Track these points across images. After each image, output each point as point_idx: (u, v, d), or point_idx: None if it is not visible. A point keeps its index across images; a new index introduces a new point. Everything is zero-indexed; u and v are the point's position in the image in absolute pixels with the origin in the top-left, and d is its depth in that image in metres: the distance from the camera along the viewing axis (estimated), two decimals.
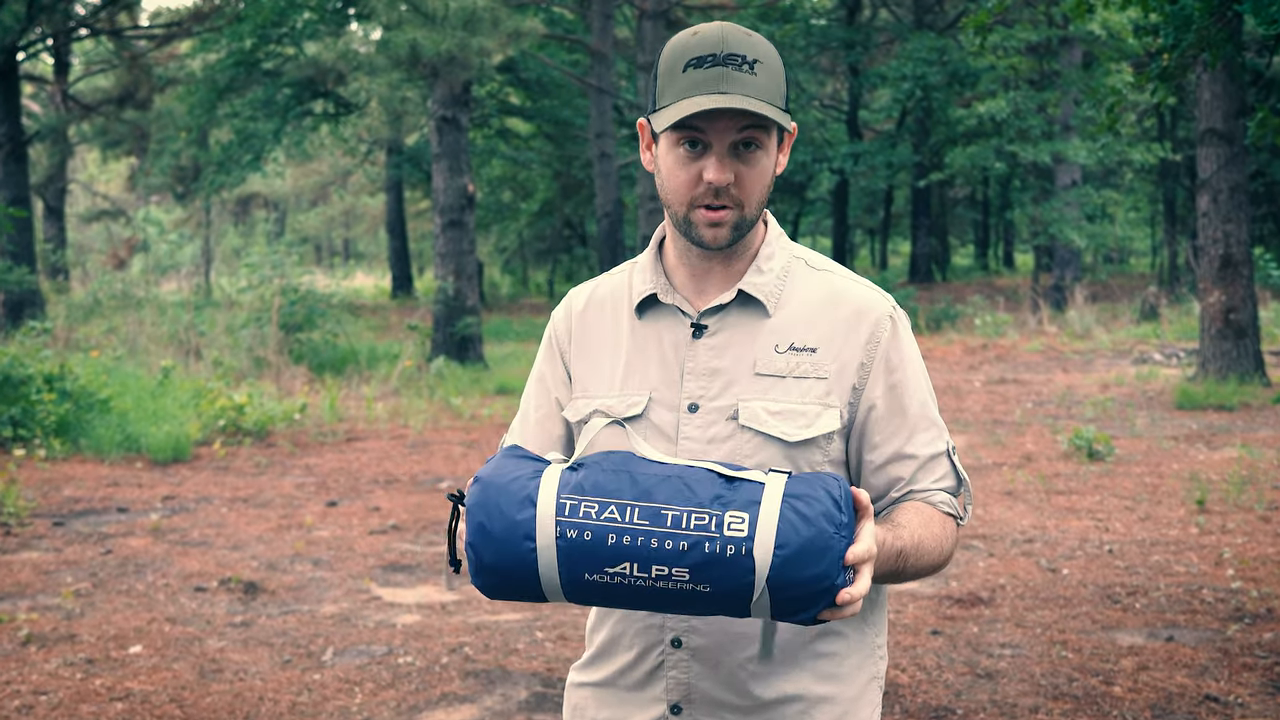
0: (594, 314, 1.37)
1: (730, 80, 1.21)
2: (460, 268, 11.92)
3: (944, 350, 12.84)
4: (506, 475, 1.15)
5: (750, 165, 1.25)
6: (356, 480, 6.42)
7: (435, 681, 3.46)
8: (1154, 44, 4.75)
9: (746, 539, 1.08)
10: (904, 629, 3.86)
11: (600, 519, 1.11)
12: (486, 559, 1.14)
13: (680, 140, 1.24)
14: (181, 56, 18.53)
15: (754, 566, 1.08)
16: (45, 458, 6.79)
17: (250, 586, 4.39)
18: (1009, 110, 16.41)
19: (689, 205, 1.26)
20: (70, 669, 3.55)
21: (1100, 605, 4.07)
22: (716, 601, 1.11)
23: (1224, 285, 9.16)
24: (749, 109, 1.20)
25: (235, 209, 32.65)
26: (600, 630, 1.37)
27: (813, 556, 1.08)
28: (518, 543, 1.12)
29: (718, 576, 1.09)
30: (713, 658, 1.28)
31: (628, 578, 1.11)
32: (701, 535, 1.09)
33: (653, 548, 1.09)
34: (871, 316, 1.30)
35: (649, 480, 1.13)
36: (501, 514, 1.13)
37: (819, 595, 1.09)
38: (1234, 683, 3.33)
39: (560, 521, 1.11)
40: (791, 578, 1.08)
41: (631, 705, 1.34)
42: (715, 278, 1.32)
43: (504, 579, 1.14)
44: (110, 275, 17.00)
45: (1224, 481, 5.92)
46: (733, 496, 1.11)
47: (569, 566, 1.12)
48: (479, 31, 10.34)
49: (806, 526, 1.08)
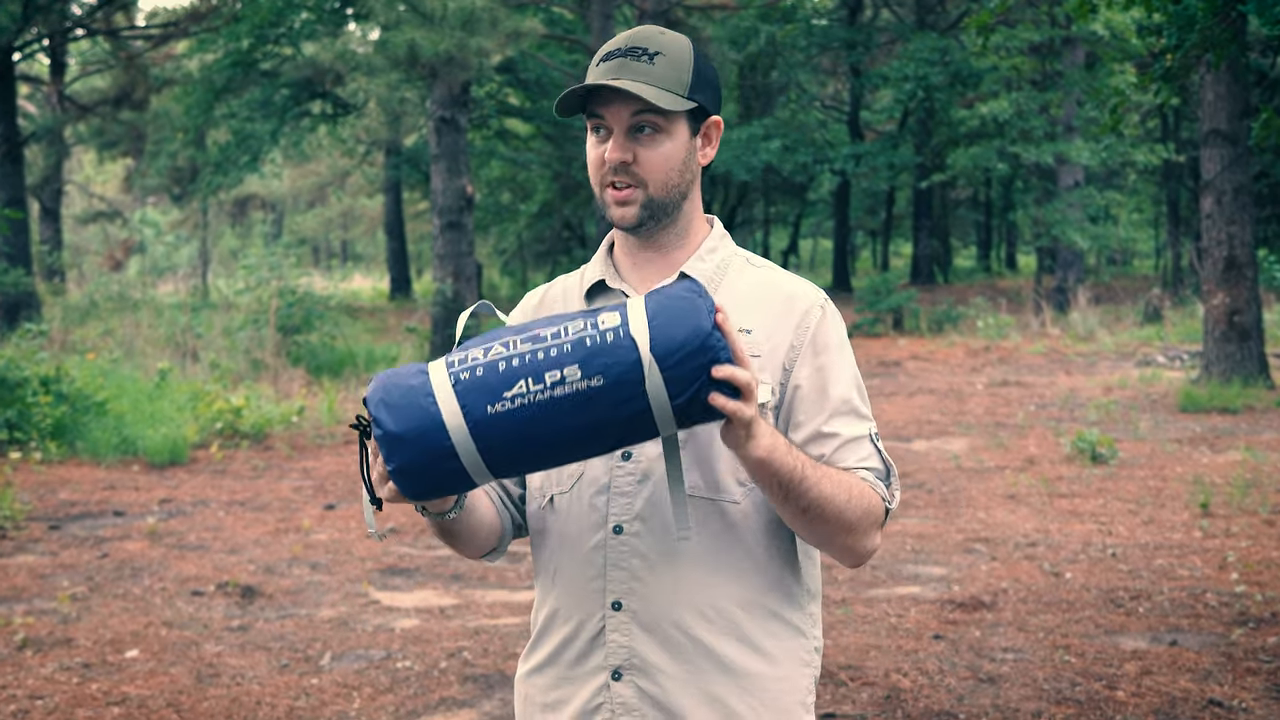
0: (549, 307, 1.47)
1: (625, 69, 1.31)
2: (459, 269, 11.89)
3: (946, 352, 12.82)
4: (399, 369, 1.24)
5: (649, 147, 1.33)
6: (354, 483, 6.39)
7: (434, 686, 3.44)
8: (1157, 44, 4.73)
9: (622, 324, 1.17)
10: (906, 633, 3.84)
11: (488, 357, 1.18)
12: (394, 428, 1.17)
13: (593, 128, 1.35)
14: (178, 57, 18.49)
15: (635, 344, 1.15)
16: (41, 461, 6.77)
17: (247, 590, 4.38)
18: (1011, 111, 16.36)
19: (600, 186, 1.36)
20: (66, 673, 3.54)
21: (1103, 609, 4.06)
22: (616, 400, 1.15)
23: (1228, 287, 9.13)
24: (623, 88, 1.29)
25: (232, 210, 32.60)
26: (542, 609, 1.42)
27: (682, 314, 1.15)
28: (418, 401, 1.17)
29: (606, 363, 1.15)
30: (652, 620, 1.32)
31: (527, 395, 1.15)
32: (581, 335, 1.17)
33: (540, 359, 1.16)
34: (803, 304, 1.37)
35: (523, 324, 1.22)
36: (398, 387, 1.19)
37: (699, 350, 1.15)
38: (1238, 687, 3.32)
39: (452, 371, 1.18)
40: (669, 338, 1.15)
41: (574, 682, 1.37)
42: (656, 267, 1.40)
43: (417, 450, 1.17)
44: (107, 277, 16.97)
45: (1228, 485, 5.91)
46: (600, 309, 1.20)
47: (470, 405, 1.16)
48: (478, 32, 10.32)
49: (668, 299, 1.18)
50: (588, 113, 1.35)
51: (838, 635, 3.84)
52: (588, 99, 1.34)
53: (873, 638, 3.80)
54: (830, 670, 3.52)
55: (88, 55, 21.69)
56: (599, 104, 1.33)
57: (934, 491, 5.99)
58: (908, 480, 6.26)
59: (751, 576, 1.33)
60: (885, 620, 3.98)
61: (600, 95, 1.32)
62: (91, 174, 31.19)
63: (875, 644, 3.74)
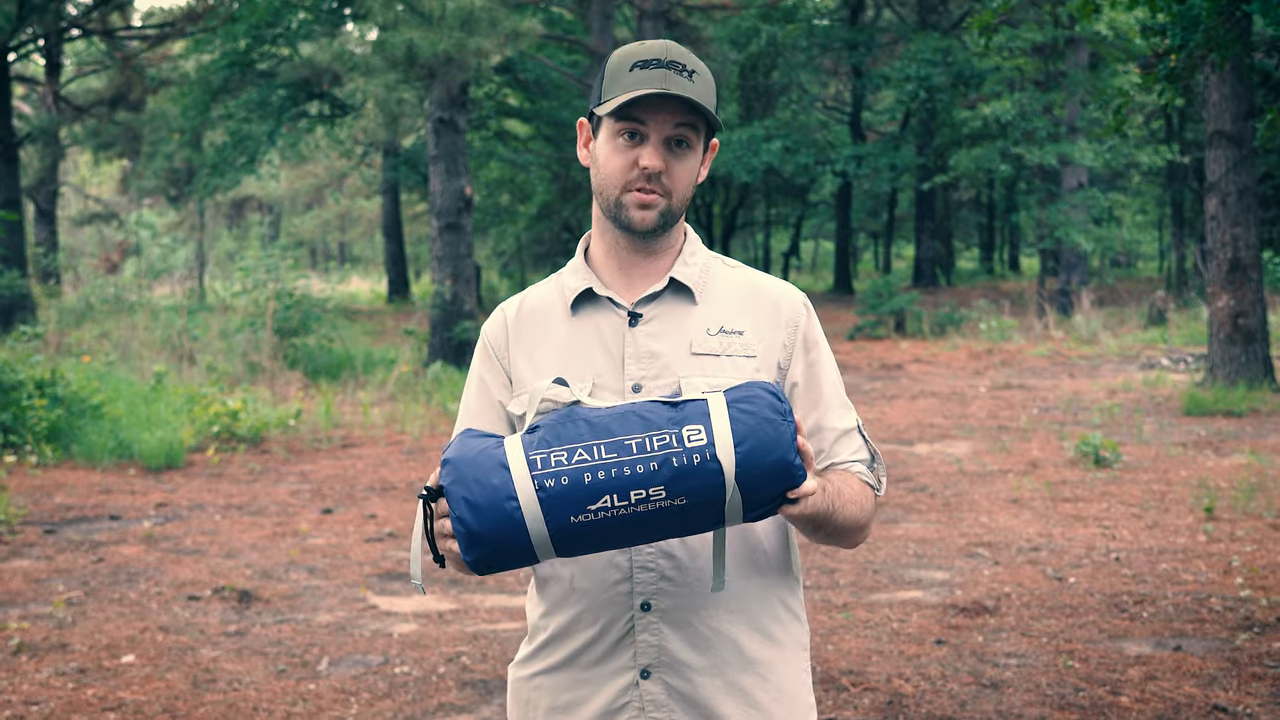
0: (527, 319, 1.47)
1: (671, 81, 1.36)
2: (457, 271, 11.85)
3: (949, 355, 12.78)
4: (473, 450, 1.22)
5: (680, 160, 1.39)
6: (352, 487, 6.37)
7: (432, 692, 3.43)
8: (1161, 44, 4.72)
9: (708, 445, 1.18)
10: (908, 638, 3.82)
11: (572, 463, 1.18)
12: (476, 528, 1.19)
13: (621, 131, 1.38)
14: (175, 57, 18.46)
15: (721, 468, 1.18)
16: (36, 464, 6.73)
17: (244, 595, 4.36)
18: (1014, 112, 16.28)
19: (622, 189, 1.39)
20: (62, 679, 3.52)
21: (1107, 614, 4.04)
22: (694, 513, 1.20)
23: (1233, 289, 9.09)
24: (690, 97, 1.35)
25: (229, 212, 32.56)
26: (556, 614, 1.42)
27: (769, 444, 1.19)
28: (501, 505, 1.18)
29: (692, 487, 1.18)
30: (681, 618, 1.37)
31: (610, 509, 1.18)
32: (667, 452, 1.18)
33: (626, 475, 1.17)
34: (789, 305, 1.45)
35: (604, 420, 1.21)
36: (480, 484, 1.19)
37: (781, 479, 1.20)
38: (1243, 693, 3.31)
39: (536, 475, 1.18)
40: (755, 467, 1.18)
41: (593, 683, 1.38)
42: (641, 272, 1.44)
43: (494, 546, 1.20)
44: (102, 279, 16.92)
45: (1233, 489, 5.88)
46: (683, 415, 1.21)
47: (554, 514, 1.18)
48: (476, 32, 10.29)
49: (756, 420, 1.19)
50: (620, 116, 1.37)
51: (839, 640, 3.82)
52: (630, 103, 1.37)
53: (874, 643, 3.78)
54: (832, 675, 3.50)
55: (83, 55, 21.64)
56: (643, 109, 1.36)
57: (936, 495, 5.96)
58: (910, 484, 6.24)
59: (765, 568, 1.41)
60: (887, 625, 3.95)
61: (647, 101, 1.36)
62: (87, 175, 31.12)
63: (877, 649, 3.72)
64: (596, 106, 1.41)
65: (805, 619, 1.48)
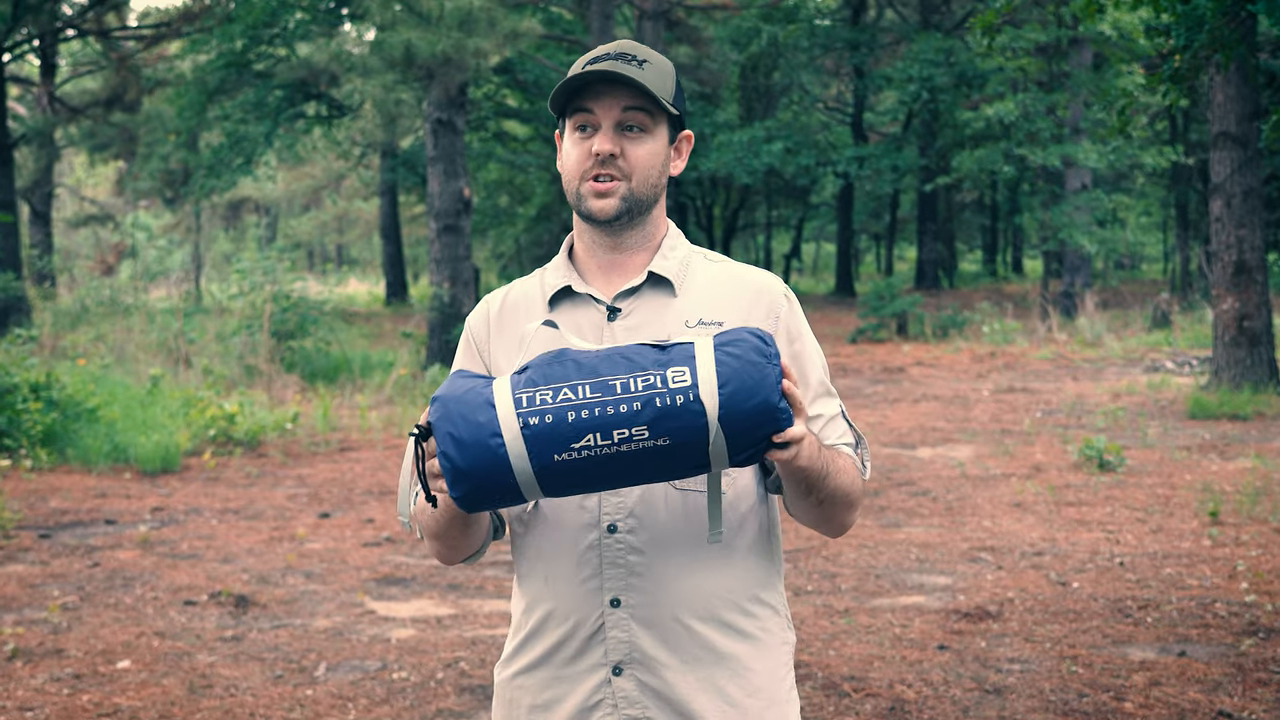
0: (509, 314, 1.47)
1: (618, 68, 1.35)
2: (456, 274, 11.82)
3: (951, 358, 12.75)
4: (461, 389, 1.23)
5: (635, 144, 1.38)
6: (350, 491, 6.34)
7: (430, 697, 3.41)
8: (1166, 45, 4.69)
9: (691, 386, 1.18)
10: (910, 644, 3.80)
11: (557, 401, 1.19)
12: (461, 464, 1.20)
13: (576, 125, 1.39)
14: (171, 58, 18.42)
15: (704, 409, 1.18)
16: (31, 468, 6.70)
17: (241, 600, 4.34)
18: (1017, 113, 16.22)
19: (580, 179, 1.39)
20: (57, 684, 3.50)
21: (1111, 619, 4.02)
22: (678, 454, 1.20)
23: (1238, 292, 9.05)
24: (628, 77, 1.33)
25: (226, 214, 32.50)
26: (533, 611, 1.42)
27: (752, 386, 1.18)
28: (486, 442, 1.19)
29: (674, 427, 1.18)
30: (652, 615, 1.36)
31: (594, 448, 1.18)
32: (651, 392, 1.18)
33: (609, 414, 1.18)
34: (769, 295, 1.44)
35: (591, 361, 1.22)
36: (466, 420, 1.20)
37: (766, 422, 1.20)
38: (1248, 698, 3.29)
39: (521, 413, 1.19)
40: (738, 409, 1.18)
41: (569, 681, 1.38)
42: (620, 268, 1.44)
43: (479, 482, 1.20)
44: (98, 281, 16.87)
45: (1238, 493, 5.86)
46: (669, 357, 1.21)
47: (538, 452, 1.19)
48: (475, 32, 10.26)
49: (740, 363, 1.19)
50: (572, 110, 1.39)
51: (841, 645, 3.79)
52: (575, 97, 1.38)
53: (876, 648, 3.76)
54: (833, 681, 3.48)
55: (79, 56, 21.60)
56: (589, 98, 1.37)
57: (939, 499, 5.94)
58: (912, 488, 6.23)
59: (738, 563, 1.40)
60: (889, 630, 3.93)
61: (592, 90, 1.37)
62: (82, 177, 31.06)
63: (879, 654, 3.70)
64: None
65: (786, 612, 1.46)
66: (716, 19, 19.27)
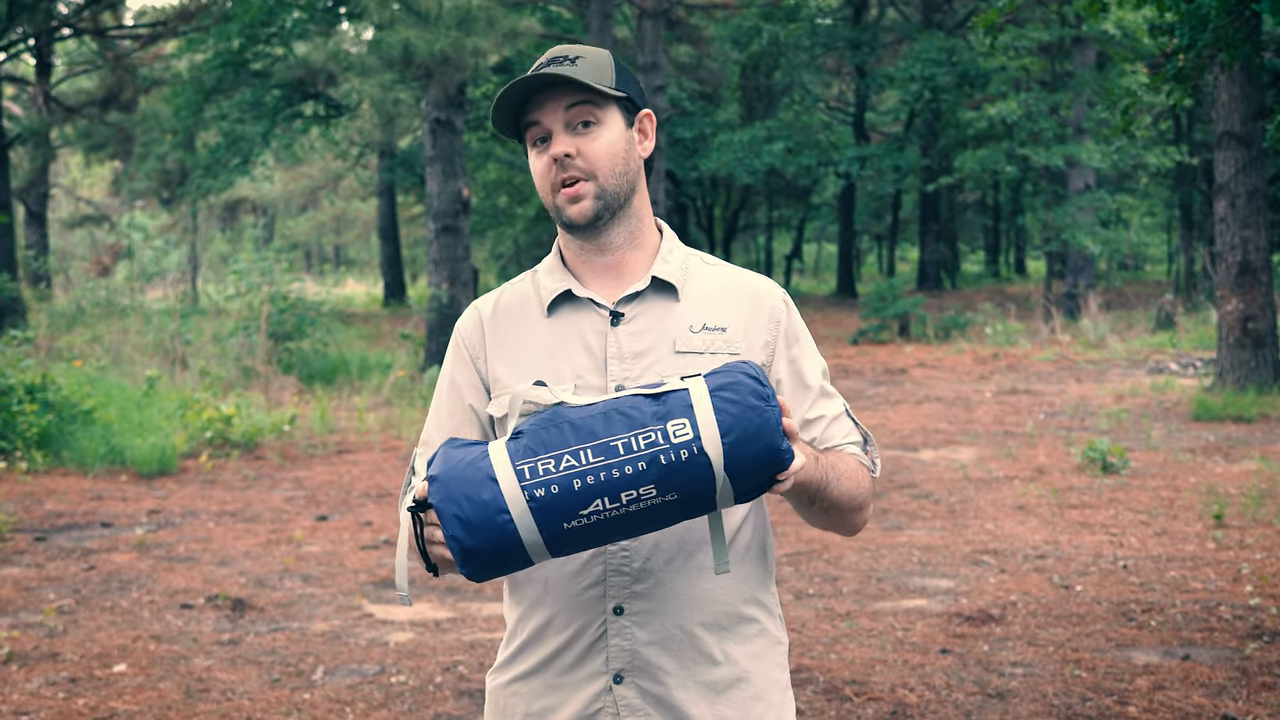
0: (503, 318, 1.45)
1: (550, 71, 1.35)
2: (454, 274, 11.79)
3: (954, 360, 12.73)
4: (459, 464, 1.21)
5: (590, 139, 1.37)
6: (348, 493, 6.31)
7: (429, 701, 3.39)
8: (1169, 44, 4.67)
9: (694, 439, 1.18)
10: (912, 647, 3.78)
11: (561, 470, 1.18)
12: (470, 544, 1.19)
13: (532, 140, 1.40)
14: (167, 57, 18.36)
15: (710, 461, 1.18)
16: (27, 471, 6.68)
17: (238, 603, 4.32)
18: (1020, 112, 16.18)
19: (552, 191, 1.39)
20: (53, 688, 3.49)
21: (1115, 623, 4.00)
22: (686, 505, 1.20)
23: (1242, 293, 9.02)
24: (560, 74, 1.33)
25: (222, 214, 32.46)
26: (530, 618, 1.41)
27: (755, 432, 1.19)
28: (494, 519, 1.18)
29: (682, 482, 1.18)
30: (654, 622, 1.36)
31: (603, 512, 1.18)
32: (655, 450, 1.17)
33: (615, 477, 1.17)
34: (769, 300, 1.45)
35: (587, 422, 1.20)
36: (470, 500, 1.19)
37: (771, 464, 1.20)
38: (1252, 702, 3.27)
39: (525, 485, 1.18)
40: (744, 457, 1.19)
41: (567, 689, 1.38)
42: (615, 272, 1.43)
43: (490, 558, 1.20)
44: (94, 282, 16.83)
45: (1242, 495, 5.84)
46: (666, 409, 1.20)
47: (546, 523, 1.18)
48: (474, 31, 10.24)
49: (740, 409, 1.19)
50: (523, 127, 1.39)
51: (842, 649, 3.77)
52: (521, 114, 1.38)
53: (878, 652, 3.74)
54: (835, 685, 3.46)
55: (74, 55, 21.53)
56: (533, 111, 1.37)
57: (941, 502, 5.93)
58: (914, 491, 6.21)
59: (736, 568, 1.40)
60: (891, 634, 3.91)
61: (533, 101, 1.37)
62: (78, 177, 31.01)
63: (881, 658, 3.68)
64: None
65: (779, 612, 1.47)
66: (717, 18, 19.22)
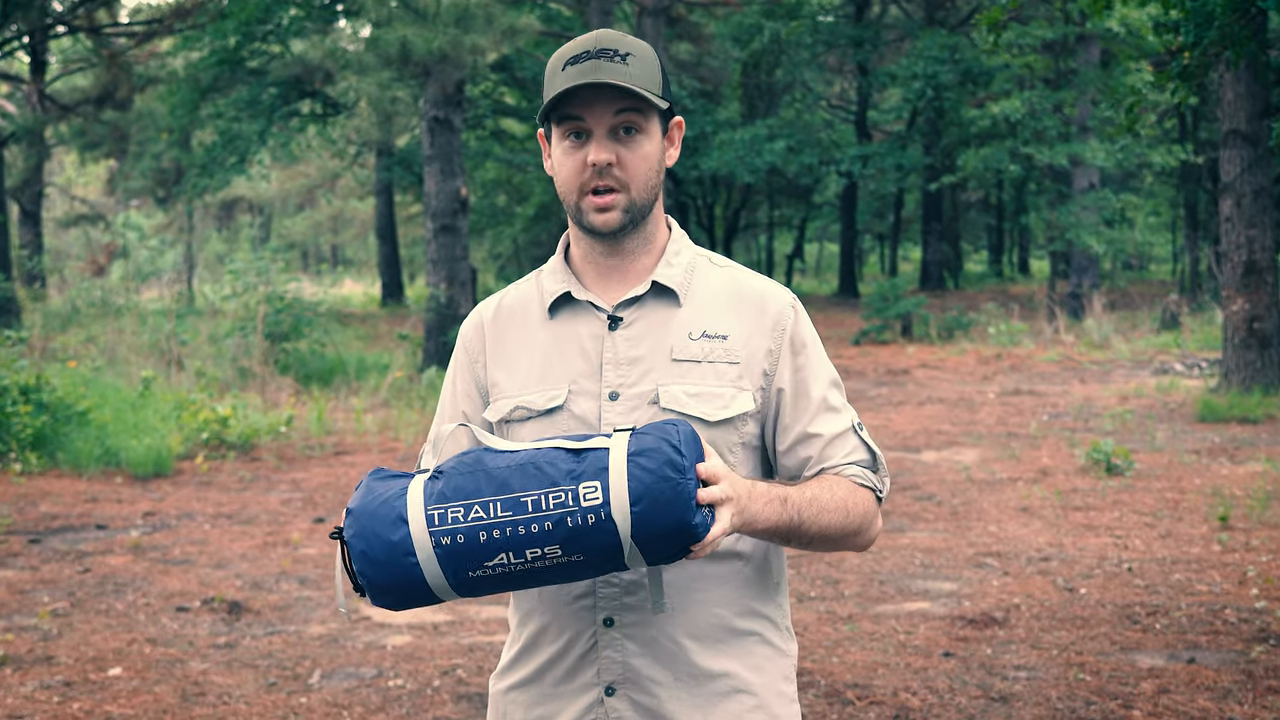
0: (505, 321, 1.44)
1: (603, 69, 1.31)
2: (453, 274, 11.76)
3: (956, 360, 12.70)
4: (375, 500, 1.23)
5: (631, 149, 1.34)
6: (345, 495, 6.30)
7: (427, 705, 3.38)
8: (1174, 42, 4.66)
9: (603, 504, 1.17)
10: (915, 650, 3.76)
11: (468, 520, 1.19)
12: (378, 581, 1.23)
13: (566, 133, 1.35)
14: (163, 55, 18.30)
15: (616, 528, 1.17)
16: (21, 472, 6.64)
17: (234, 606, 4.30)
18: (1024, 111, 16.11)
19: (579, 193, 1.35)
20: (47, 692, 3.47)
21: (1119, 626, 3.99)
22: (594, 565, 1.21)
23: (1248, 293, 8.98)
24: (618, 84, 1.29)
25: (218, 213, 32.40)
26: (527, 625, 1.41)
27: (665, 506, 1.17)
28: (400, 560, 1.21)
29: (587, 545, 1.18)
30: (646, 634, 1.34)
31: (507, 565, 1.20)
32: (562, 511, 1.18)
33: (521, 534, 1.18)
34: (775, 306, 1.40)
35: (503, 473, 1.21)
36: (378, 538, 1.21)
37: (681, 537, 1.18)
38: (1258, 706, 3.26)
39: (433, 532, 1.20)
40: (652, 528, 1.17)
41: (560, 699, 1.37)
42: (620, 274, 1.40)
43: (399, 595, 1.23)
44: (89, 282, 16.78)
45: (1248, 497, 5.82)
46: (582, 468, 1.19)
47: (452, 569, 1.20)
48: (472, 29, 10.20)
49: (652, 478, 1.17)
50: (560, 118, 1.34)
51: (844, 653, 3.75)
52: (561, 103, 1.33)
53: (881, 655, 3.72)
54: (837, 689, 3.44)
55: (69, 53, 21.43)
56: (578, 105, 1.32)
57: (944, 504, 5.90)
58: (917, 492, 6.19)
59: (734, 580, 1.37)
60: (893, 637, 3.89)
61: (579, 96, 1.32)
62: (73, 176, 30.94)
63: (883, 662, 3.66)
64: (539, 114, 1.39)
65: (786, 623, 1.43)
66: (718, 15, 19.17)
